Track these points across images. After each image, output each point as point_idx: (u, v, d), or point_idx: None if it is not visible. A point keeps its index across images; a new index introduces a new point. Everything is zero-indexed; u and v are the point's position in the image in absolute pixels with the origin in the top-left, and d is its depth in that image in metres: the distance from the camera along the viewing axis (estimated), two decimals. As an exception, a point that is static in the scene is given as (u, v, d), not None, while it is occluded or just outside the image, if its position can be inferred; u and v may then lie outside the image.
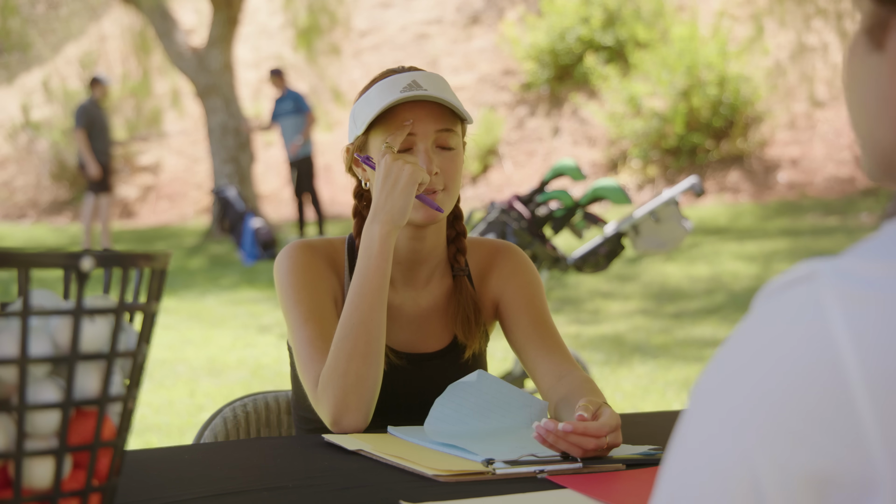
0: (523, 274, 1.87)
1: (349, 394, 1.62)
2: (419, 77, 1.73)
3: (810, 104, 13.23)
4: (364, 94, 1.77)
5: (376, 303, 1.66)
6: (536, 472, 1.41)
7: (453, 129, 1.75)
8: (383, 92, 1.73)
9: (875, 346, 0.65)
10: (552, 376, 1.74)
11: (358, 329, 1.64)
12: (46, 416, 0.97)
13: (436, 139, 1.74)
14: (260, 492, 1.34)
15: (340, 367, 1.63)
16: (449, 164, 1.75)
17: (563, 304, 7.96)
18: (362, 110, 1.75)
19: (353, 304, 1.66)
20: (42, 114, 17.03)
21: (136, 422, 4.90)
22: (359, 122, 1.76)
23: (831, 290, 0.66)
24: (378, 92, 1.74)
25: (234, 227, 11.35)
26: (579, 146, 13.92)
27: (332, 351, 1.65)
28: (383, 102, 1.71)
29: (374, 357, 1.64)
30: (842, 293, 0.66)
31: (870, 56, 0.77)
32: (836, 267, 0.68)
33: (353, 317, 1.65)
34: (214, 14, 12.89)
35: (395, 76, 1.75)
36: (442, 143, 1.75)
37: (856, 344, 0.65)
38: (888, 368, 0.64)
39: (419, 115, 1.73)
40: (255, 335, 7.34)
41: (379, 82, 1.76)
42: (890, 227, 0.71)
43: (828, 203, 11.69)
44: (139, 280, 1.05)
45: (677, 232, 4.62)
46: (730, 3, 14.41)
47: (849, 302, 0.66)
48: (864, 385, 0.64)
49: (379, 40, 16.78)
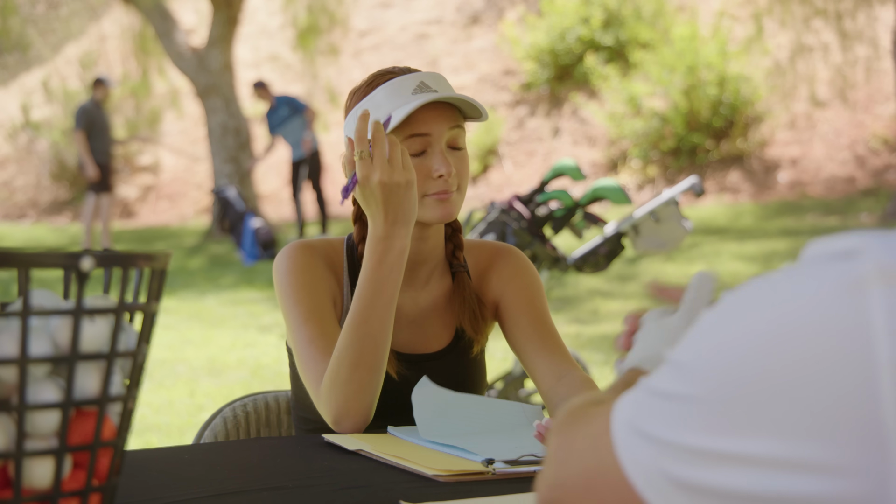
0: (524, 276, 1.87)
1: (351, 399, 1.62)
2: (425, 78, 1.73)
3: (810, 104, 13.22)
4: (369, 97, 1.75)
5: (386, 316, 1.64)
6: (536, 472, 1.41)
7: (463, 126, 1.76)
8: (392, 95, 1.71)
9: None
10: (552, 376, 1.74)
11: (365, 340, 1.62)
12: (46, 416, 0.97)
13: (448, 139, 1.74)
14: (260, 492, 1.34)
15: (343, 374, 1.62)
16: (461, 164, 1.75)
17: (563, 303, 7.96)
18: (371, 113, 1.72)
19: (361, 314, 1.63)
20: (42, 114, 17.03)
21: (136, 422, 4.90)
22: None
23: (874, 266, 0.66)
24: (386, 95, 1.72)
25: (234, 227, 11.35)
26: (579, 146, 13.92)
27: (336, 357, 1.63)
28: (396, 106, 1.69)
29: (379, 366, 1.64)
30: (886, 270, 0.66)
31: None
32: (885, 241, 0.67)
33: (361, 328, 1.62)
34: (214, 14, 12.88)
35: (399, 78, 1.73)
36: (453, 142, 1.75)
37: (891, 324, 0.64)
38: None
39: (432, 116, 1.72)
40: (255, 335, 7.34)
41: (383, 85, 1.73)
42: None
43: (828, 203, 11.69)
44: (139, 280, 1.05)
45: (677, 232, 4.62)
46: (730, 3, 14.41)
47: (892, 278, 0.65)
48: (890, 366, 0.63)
49: (379, 40, 16.78)
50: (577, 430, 0.83)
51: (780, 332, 0.67)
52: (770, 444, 0.66)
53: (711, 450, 0.69)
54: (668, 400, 0.72)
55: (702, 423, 0.69)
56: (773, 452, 0.66)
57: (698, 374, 0.70)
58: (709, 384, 0.69)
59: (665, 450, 0.72)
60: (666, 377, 0.73)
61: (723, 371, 0.69)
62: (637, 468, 0.74)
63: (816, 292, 0.67)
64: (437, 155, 1.72)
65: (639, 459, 0.74)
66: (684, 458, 0.70)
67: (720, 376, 0.69)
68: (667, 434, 0.71)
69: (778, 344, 0.67)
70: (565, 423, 0.86)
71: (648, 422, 0.73)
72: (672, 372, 0.72)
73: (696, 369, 0.70)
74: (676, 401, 0.71)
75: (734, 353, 0.69)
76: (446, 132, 1.73)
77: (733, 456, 0.68)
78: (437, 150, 1.73)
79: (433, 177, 1.72)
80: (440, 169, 1.71)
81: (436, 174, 1.72)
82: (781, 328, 0.67)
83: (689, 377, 0.71)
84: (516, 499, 1.30)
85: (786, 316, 0.67)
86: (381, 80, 1.75)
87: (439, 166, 1.71)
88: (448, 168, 1.71)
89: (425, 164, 1.73)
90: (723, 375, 0.69)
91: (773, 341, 0.67)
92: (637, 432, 0.74)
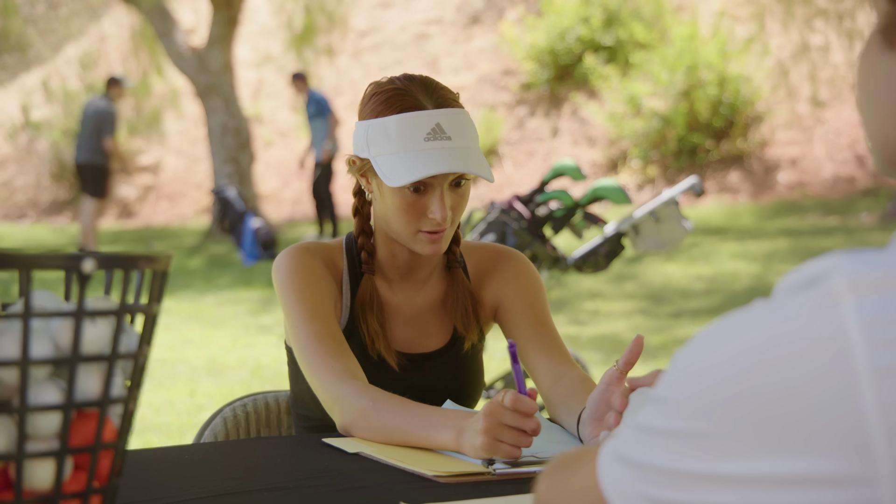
0: (525, 278, 1.87)
1: (364, 432, 1.61)
2: (442, 120, 1.68)
3: (811, 104, 13.22)
4: (381, 120, 1.69)
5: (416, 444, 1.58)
6: (536, 472, 1.41)
7: (467, 176, 1.72)
8: (405, 135, 1.67)
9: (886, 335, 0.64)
10: (551, 376, 1.75)
11: (394, 439, 1.57)
12: (47, 418, 0.97)
13: (452, 179, 1.71)
14: (260, 492, 1.34)
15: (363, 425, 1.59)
16: (460, 200, 1.73)
17: (563, 303, 7.96)
18: (380, 136, 1.69)
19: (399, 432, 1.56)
20: (42, 114, 17.02)
21: (137, 422, 4.90)
22: (374, 147, 1.69)
23: (844, 281, 0.66)
24: (400, 133, 1.67)
25: (234, 227, 11.34)
26: (579, 146, 13.92)
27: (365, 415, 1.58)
28: (406, 150, 1.66)
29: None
30: (856, 281, 0.66)
31: (883, 55, 0.77)
32: (853, 257, 0.68)
33: (394, 435, 1.56)
34: (214, 14, 12.88)
35: (416, 115, 1.67)
36: (456, 179, 1.72)
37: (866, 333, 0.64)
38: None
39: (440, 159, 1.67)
40: (254, 335, 7.34)
41: (399, 116, 1.68)
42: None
43: (828, 203, 11.69)
44: (140, 281, 1.05)
45: (677, 232, 4.62)
46: (730, 3, 14.40)
47: (863, 289, 0.66)
48: (869, 373, 0.64)
49: (379, 40, 16.77)
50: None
51: (760, 354, 0.67)
52: (757, 463, 0.66)
53: (694, 472, 0.70)
54: (652, 434, 0.73)
55: (689, 451, 0.70)
56: (762, 470, 0.66)
57: (684, 408, 0.71)
58: (692, 414, 0.70)
59: (645, 474, 0.73)
60: (651, 413, 0.74)
61: (704, 399, 0.70)
62: (617, 492, 0.76)
63: (791, 315, 0.67)
64: (436, 198, 1.70)
65: (619, 483, 0.76)
66: (665, 481, 0.71)
67: (702, 404, 0.70)
68: (647, 460, 0.73)
69: (758, 365, 0.67)
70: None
71: (631, 450, 0.75)
72: (657, 408, 0.74)
73: (681, 403, 0.71)
74: (661, 434, 0.72)
75: (714, 380, 0.69)
76: (450, 175, 1.70)
77: (719, 478, 0.68)
78: (437, 194, 1.70)
79: (428, 216, 1.71)
80: (436, 212, 1.69)
81: (430, 215, 1.70)
82: (760, 350, 0.67)
83: (674, 412, 0.72)
84: (516, 499, 1.30)
85: (763, 340, 0.68)
86: (398, 106, 1.69)
87: (436, 209, 1.69)
88: (443, 213, 1.69)
89: (422, 203, 1.70)
90: (705, 403, 0.70)
91: (753, 364, 0.68)
92: (619, 459, 0.76)
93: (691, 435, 0.70)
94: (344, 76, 16.05)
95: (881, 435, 0.63)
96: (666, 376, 0.74)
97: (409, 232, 1.73)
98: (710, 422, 0.69)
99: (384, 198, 1.74)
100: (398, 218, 1.72)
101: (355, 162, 1.77)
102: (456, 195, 1.73)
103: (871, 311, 0.65)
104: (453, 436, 1.50)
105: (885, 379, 0.63)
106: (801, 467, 0.65)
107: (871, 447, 0.63)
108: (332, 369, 1.66)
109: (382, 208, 1.76)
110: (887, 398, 0.63)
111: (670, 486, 0.71)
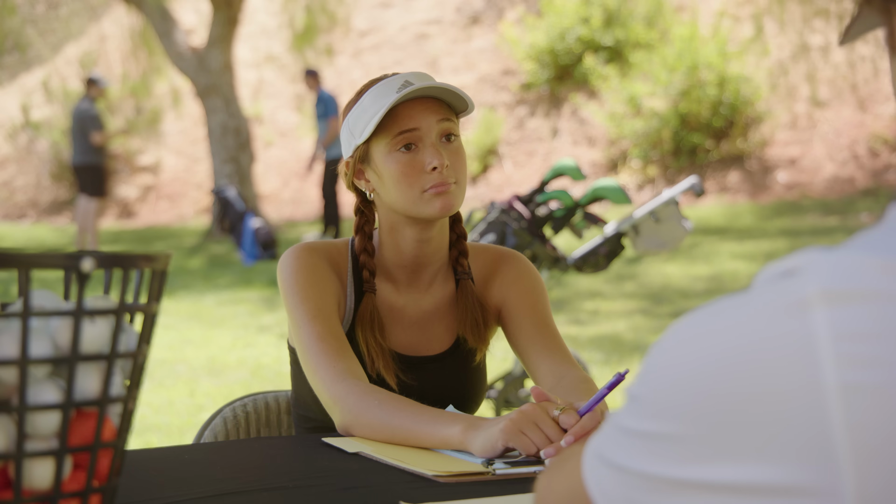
0: (527, 280, 1.87)
1: (366, 430, 1.61)
2: (409, 77, 1.73)
3: (811, 104, 13.23)
4: (357, 104, 1.76)
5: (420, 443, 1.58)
6: (536, 472, 1.41)
7: (453, 119, 1.76)
8: (378, 97, 1.72)
9: (856, 351, 0.63)
10: (552, 377, 1.75)
11: (396, 436, 1.58)
12: (47, 417, 0.97)
13: (438, 132, 1.74)
14: (260, 492, 1.34)
15: (365, 423, 1.59)
16: (455, 157, 1.75)
17: (563, 303, 7.96)
18: (359, 119, 1.75)
19: (403, 428, 1.56)
20: (42, 114, 17.03)
21: (136, 422, 4.90)
22: (357, 132, 1.75)
23: (817, 287, 0.65)
24: (372, 99, 1.73)
25: (234, 227, 11.34)
26: (579, 146, 13.92)
27: (368, 413, 1.58)
28: (381, 106, 1.70)
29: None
30: (829, 291, 0.65)
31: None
32: (829, 260, 0.67)
33: (397, 435, 1.57)
34: (214, 14, 12.89)
35: (384, 81, 1.74)
36: (444, 133, 1.74)
37: (836, 348, 0.63)
38: (866, 373, 0.63)
39: (418, 111, 1.72)
40: (254, 335, 7.34)
41: (369, 90, 1.75)
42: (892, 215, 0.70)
43: (828, 203, 11.69)
44: (139, 281, 1.05)
45: (677, 232, 4.62)
46: (730, 3, 14.41)
47: (835, 300, 0.65)
48: (837, 390, 0.63)
49: (379, 40, 16.77)
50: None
51: (728, 355, 0.67)
52: (726, 469, 0.66)
53: (672, 478, 0.69)
54: (629, 435, 0.73)
55: (662, 454, 0.70)
56: (730, 477, 0.66)
57: (653, 408, 0.71)
58: (665, 416, 0.70)
59: (627, 479, 0.73)
60: (626, 411, 0.75)
61: (673, 399, 0.70)
62: (601, 493, 0.77)
63: (759, 314, 0.67)
64: (428, 148, 1.72)
65: (604, 487, 0.77)
66: (646, 486, 0.72)
67: (671, 404, 0.70)
68: (629, 464, 0.73)
69: (725, 367, 0.67)
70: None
71: (613, 452, 0.75)
72: (631, 406, 0.74)
73: (651, 402, 0.71)
74: (636, 436, 0.73)
75: (682, 380, 0.69)
76: (435, 125, 1.73)
77: (693, 483, 0.68)
78: (428, 144, 1.72)
79: (427, 171, 1.72)
80: (432, 161, 1.71)
81: (429, 167, 1.71)
82: (729, 354, 0.67)
83: (645, 411, 0.72)
84: (516, 499, 1.30)
85: (731, 341, 0.67)
86: (368, 87, 1.76)
87: (431, 159, 1.71)
88: (440, 160, 1.71)
89: (418, 160, 1.72)
90: (674, 403, 0.69)
91: (720, 365, 0.67)
92: (603, 461, 0.77)
93: (664, 437, 0.70)
94: (344, 76, 16.05)
95: (847, 452, 0.62)
96: (640, 371, 0.74)
97: (414, 195, 1.73)
98: (679, 423, 0.68)
99: (382, 177, 1.75)
100: (400, 185, 1.73)
101: (347, 164, 1.79)
102: (449, 150, 1.74)
103: (841, 324, 0.64)
104: (460, 429, 1.49)
105: (853, 397, 0.62)
106: (769, 475, 0.64)
107: (836, 462, 0.63)
108: (334, 369, 1.66)
109: (385, 191, 1.76)
110: (855, 417, 0.62)
111: (650, 490, 0.71)
